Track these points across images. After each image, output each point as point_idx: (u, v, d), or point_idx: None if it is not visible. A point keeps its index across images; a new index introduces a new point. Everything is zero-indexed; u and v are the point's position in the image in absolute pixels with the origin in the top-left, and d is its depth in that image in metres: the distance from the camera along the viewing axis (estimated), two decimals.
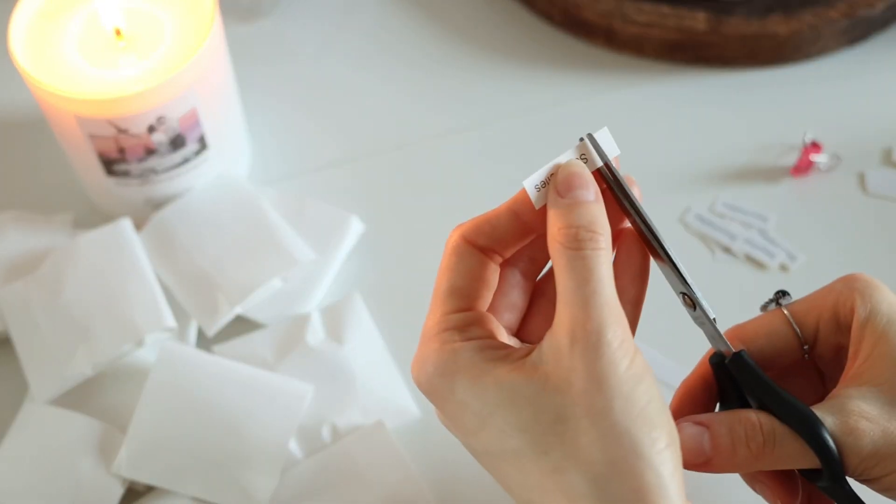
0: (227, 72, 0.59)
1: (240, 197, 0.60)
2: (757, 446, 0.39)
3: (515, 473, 0.37)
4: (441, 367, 0.38)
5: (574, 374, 0.35)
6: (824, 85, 0.67)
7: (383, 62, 0.70)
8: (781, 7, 0.66)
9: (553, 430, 0.35)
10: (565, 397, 0.35)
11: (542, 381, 0.36)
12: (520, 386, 0.36)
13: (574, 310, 0.36)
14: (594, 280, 0.36)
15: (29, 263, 0.58)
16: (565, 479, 0.35)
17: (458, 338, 0.38)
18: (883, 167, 0.63)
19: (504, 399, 0.36)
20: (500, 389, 0.36)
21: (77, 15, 0.57)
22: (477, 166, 0.65)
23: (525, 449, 0.36)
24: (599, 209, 0.38)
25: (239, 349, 0.56)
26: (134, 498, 0.52)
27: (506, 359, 0.37)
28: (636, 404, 0.35)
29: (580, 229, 0.37)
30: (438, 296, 0.40)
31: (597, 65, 0.69)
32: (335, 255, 0.59)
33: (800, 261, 0.59)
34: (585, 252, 0.36)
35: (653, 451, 0.35)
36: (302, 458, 0.53)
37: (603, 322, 0.35)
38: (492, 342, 0.38)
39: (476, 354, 0.37)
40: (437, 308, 0.39)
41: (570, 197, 0.38)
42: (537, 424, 0.36)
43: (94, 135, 0.55)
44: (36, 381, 0.54)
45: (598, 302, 0.35)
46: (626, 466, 0.35)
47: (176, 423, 0.51)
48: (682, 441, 0.38)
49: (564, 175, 0.38)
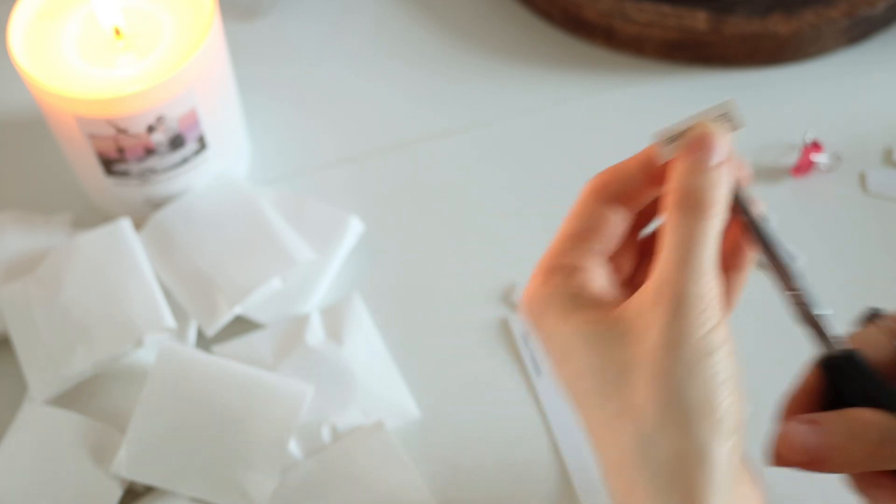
0: (226, 71, 0.59)
1: (239, 197, 0.60)
2: (872, 443, 0.38)
3: (583, 413, 0.38)
4: (536, 302, 0.39)
5: (649, 330, 0.35)
6: (825, 85, 0.67)
7: (383, 62, 0.70)
8: (782, 6, 0.66)
9: (616, 381, 0.36)
10: (634, 352, 0.36)
11: (619, 333, 0.36)
12: (597, 334, 0.37)
13: (668, 267, 0.36)
14: (695, 244, 0.36)
15: (28, 263, 0.58)
16: (617, 431, 0.36)
17: (559, 280, 0.39)
18: (883, 167, 0.63)
19: (580, 343, 0.37)
20: (579, 334, 0.37)
21: (76, 15, 0.57)
22: (477, 166, 0.65)
23: (592, 393, 0.37)
24: (721, 176, 0.37)
25: (238, 349, 0.56)
26: (133, 498, 0.52)
27: (595, 307, 0.38)
28: (699, 375, 0.35)
29: (696, 192, 0.37)
30: (557, 237, 0.41)
31: (597, 65, 0.69)
32: (335, 255, 0.59)
33: (800, 261, 0.59)
34: (695, 214, 0.36)
35: (704, 424, 0.35)
36: (302, 458, 0.53)
37: (690, 285, 0.35)
38: (588, 290, 0.39)
39: (568, 301, 0.38)
40: (552, 248, 0.40)
41: (696, 158, 0.38)
42: (604, 373, 0.36)
43: (93, 135, 0.55)
44: (35, 382, 0.54)
45: (693, 265, 0.36)
46: (672, 433, 0.35)
47: (175, 424, 0.51)
48: (791, 438, 0.38)
49: (697, 134, 0.38)
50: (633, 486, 0.36)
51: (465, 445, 0.54)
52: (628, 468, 0.36)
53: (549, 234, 0.61)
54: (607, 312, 0.38)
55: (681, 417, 0.35)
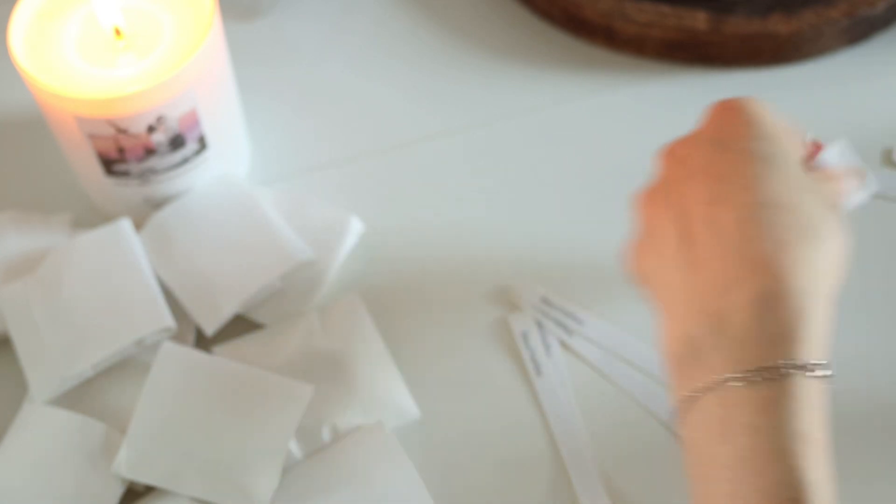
0: (226, 71, 0.59)
1: (239, 197, 0.60)
2: None
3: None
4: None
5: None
6: (825, 85, 0.67)
7: (383, 62, 0.70)
8: (782, 6, 0.66)
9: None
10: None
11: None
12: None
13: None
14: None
15: (28, 264, 0.58)
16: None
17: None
18: (883, 167, 0.63)
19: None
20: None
21: (76, 15, 0.57)
22: (477, 166, 0.65)
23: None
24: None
25: (238, 349, 0.56)
26: (133, 498, 0.52)
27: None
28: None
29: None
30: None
31: (597, 64, 0.69)
32: (335, 255, 0.59)
33: None
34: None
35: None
36: (302, 458, 0.53)
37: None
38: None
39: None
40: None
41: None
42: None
43: (93, 135, 0.55)
44: (35, 382, 0.54)
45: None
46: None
47: (176, 424, 0.51)
48: None
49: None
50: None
51: (465, 445, 0.54)
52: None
53: (549, 234, 0.62)
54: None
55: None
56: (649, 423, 0.54)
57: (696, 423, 0.41)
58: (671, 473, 0.52)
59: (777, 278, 0.40)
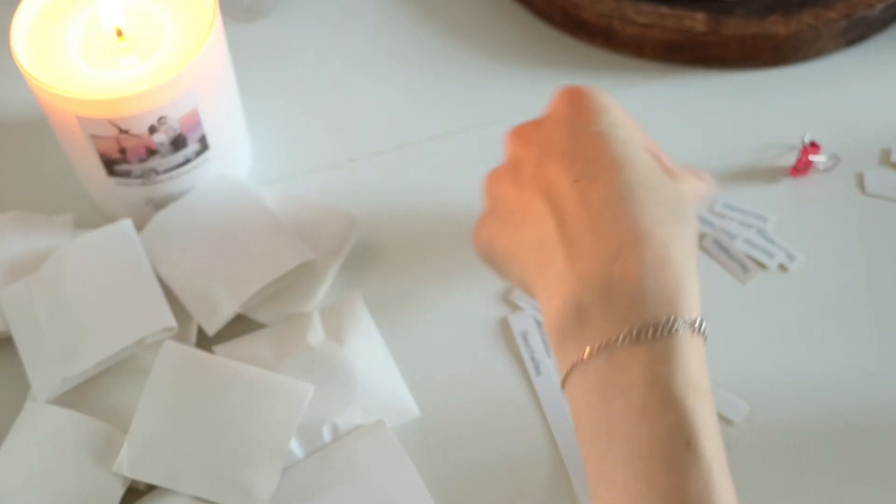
0: (227, 72, 0.59)
1: (240, 197, 0.60)
2: None
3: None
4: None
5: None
6: (823, 85, 0.67)
7: (383, 62, 0.70)
8: (780, 8, 0.66)
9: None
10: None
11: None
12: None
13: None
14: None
15: (30, 263, 0.58)
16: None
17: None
18: (881, 167, 0.63)
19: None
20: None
21: (79, 16, 0.57)
22: (477, 166, 0.65)
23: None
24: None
25: (239, 349, 0.57)
26: (135, 497, 0.52)
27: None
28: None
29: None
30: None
31: (596, 65, 0.69)
32: (335, 255, 0.59)
33: (799, 261, 0.60)
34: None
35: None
36: (302, 457, 0.53)
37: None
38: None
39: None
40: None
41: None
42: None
43: (95, 135, 0.55)
44: (37, 381, 0.54)
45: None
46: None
47: (177, 423, 0.51)
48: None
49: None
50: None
51: (465, 444, 0.54)
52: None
53: None
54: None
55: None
56: None
57: (588, 386, 0.43)
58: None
59: (662, 246, 0.43)
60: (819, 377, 0.56)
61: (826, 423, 0.54)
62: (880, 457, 0.53)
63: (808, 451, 0.53)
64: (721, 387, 0.55)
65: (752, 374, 0.56)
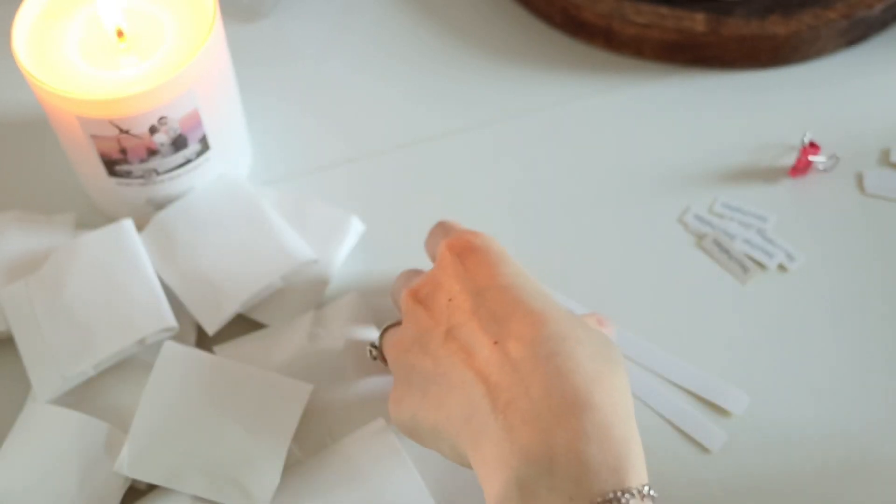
0: (228, 72, 0.60)
1: (240, 197, 0.60)
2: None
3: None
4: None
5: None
6: (823, 86, 0.67)
7: (384, 62, 0.70)
8: (780, 8, 0.66)
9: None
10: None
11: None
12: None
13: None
14: None
15: (30, 263, 0.58)
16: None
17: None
18: (880, 167, 0.63)
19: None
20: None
21: (79, 16, 0.57)
22: (477, 166, 0.65)
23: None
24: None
25: (239, 349, 0.57)
26: (135, 497, 0.52)
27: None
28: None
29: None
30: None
31: (596, 65, 0.69)
32: (336, 255, 0.59)
33: (798, 261, 0.60)
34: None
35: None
36: (302, 457, 0.53)
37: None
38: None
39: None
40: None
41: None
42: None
43: (95, 135, 0.55)
44: (38, 381, 0.54)
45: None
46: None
47: (177, 423, 0.51)
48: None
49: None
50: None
51: None
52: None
53: (548, 234, 0.62)
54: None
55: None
56: (650, 421, 0.55)
57: None
58: (671, 472, 0.53)
59: (598, 409, 0.40)
60: (819, 377, 0.56)
61: (826, 423, 0.54)
62: (880, 457, 0.53)
63: (807, 450, 0.53)
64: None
65: (752, 375, 0.56)
